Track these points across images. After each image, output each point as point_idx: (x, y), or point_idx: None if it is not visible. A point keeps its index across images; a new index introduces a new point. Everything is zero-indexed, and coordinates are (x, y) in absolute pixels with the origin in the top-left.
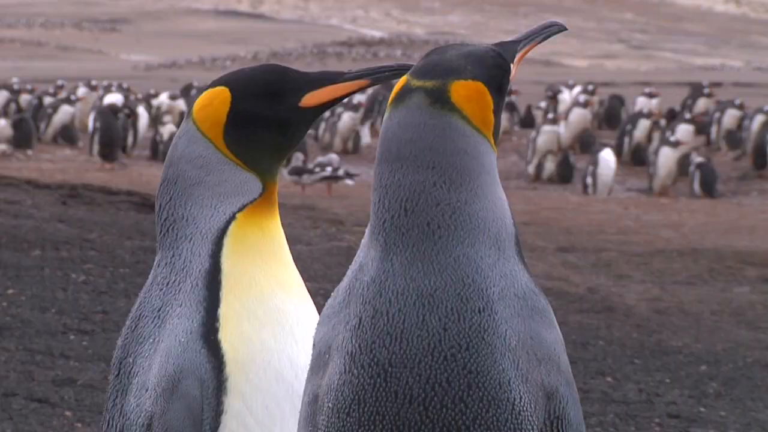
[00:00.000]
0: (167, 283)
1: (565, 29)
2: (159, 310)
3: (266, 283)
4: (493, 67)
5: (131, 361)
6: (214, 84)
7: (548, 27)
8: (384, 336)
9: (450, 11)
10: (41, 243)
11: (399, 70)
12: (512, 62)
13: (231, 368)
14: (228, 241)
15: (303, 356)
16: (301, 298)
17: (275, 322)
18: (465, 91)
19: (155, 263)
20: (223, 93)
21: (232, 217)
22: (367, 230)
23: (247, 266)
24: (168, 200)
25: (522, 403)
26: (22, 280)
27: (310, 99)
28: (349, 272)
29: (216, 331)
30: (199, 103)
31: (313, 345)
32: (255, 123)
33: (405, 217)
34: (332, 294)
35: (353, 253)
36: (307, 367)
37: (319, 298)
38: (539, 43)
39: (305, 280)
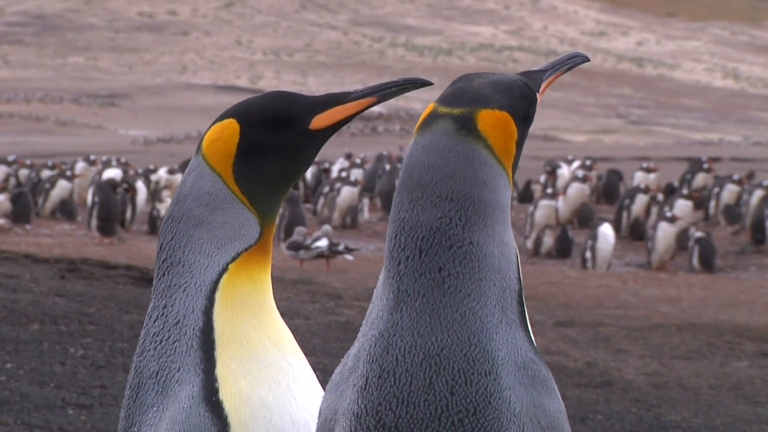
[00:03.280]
0: (161, 341)
1: (588, 60)
2: (157, 375)
3: (258, 339)
4: (520, 98)
5: (136, 430)
6: (221, 117)
7: (573, 57)
8: (390, 398)
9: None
10: (40, 317)
11: (405, 86)
12: (538, 92)
13: (235, 429)
14: (219, 295)
15: (302, 412)
16: (294, 352)
17: (271, 379)
18: (491, 120)
19: (148, 313)
20: (231, 125)
21: (225, 269)
22: (381, 274)
23: (238, 323)
24: (170, 239)
25: None
26: (20, 354)
27: (320, 121)
28: (359, 334)
29: (216, 391)
30: (207, 137)
31: (319, 413)
32: (266, 151)
33: (419, 259)
34: (342, 360)
35: (352, 327)
36: (308, 424)
37: (318, 372)
38: (564, 72)
39: (303, 355)
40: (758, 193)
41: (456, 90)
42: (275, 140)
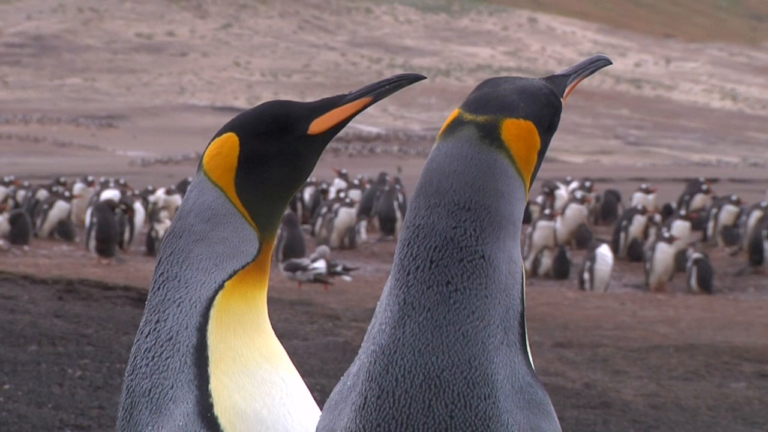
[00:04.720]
0: (153, 357)
1: (611, 63)
2: (150, 393)
3: (250, 355)
4: (546, 106)
5: None
6: (220, 132)
7: (595, 61)
8: (389, 420)
9: (446, 107)
10: (38, 338)
11: (399, 82)
12: (562, 97)
13: None
14: (214, 313)
15: (297, 426)
16: (286, 368)
17: (265, 393)
18: (516, 130)
19: (140, 328)
20: (230, 139)
21: (221, 286)
22: (388, 283)
23: (231, 340)
24: (168, 254)
25: None
26: (18, 376)
27: (318, 125)
28: (360, 351)
29: (211, 407)
30: (208, 153)
31: None
32: (267, 161)
33: (429, 270)
34: (341, 379)
35: (350, 348)
36: None
37: (316, 393)
38: (587, 76)
39: (301, 376)
40: (756, 214)
41: (482, 96)
42: (275, 148)
